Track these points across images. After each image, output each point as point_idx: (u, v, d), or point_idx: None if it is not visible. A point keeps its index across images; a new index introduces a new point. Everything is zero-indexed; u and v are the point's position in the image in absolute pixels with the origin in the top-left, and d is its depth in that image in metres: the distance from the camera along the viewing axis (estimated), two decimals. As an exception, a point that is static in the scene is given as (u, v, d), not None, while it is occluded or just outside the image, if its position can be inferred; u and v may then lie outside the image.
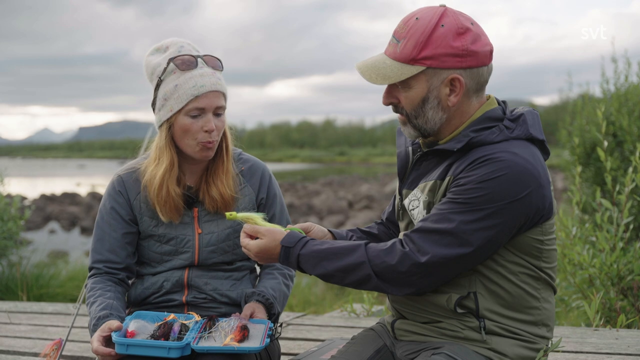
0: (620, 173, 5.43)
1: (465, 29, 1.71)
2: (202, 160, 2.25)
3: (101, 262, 2.26)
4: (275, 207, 2.36)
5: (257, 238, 1.87)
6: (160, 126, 2.21)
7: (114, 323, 2.00)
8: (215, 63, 2.22)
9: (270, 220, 2.28)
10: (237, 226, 2.27)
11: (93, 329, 2.06)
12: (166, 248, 2.27)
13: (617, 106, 6.18)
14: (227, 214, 1.95)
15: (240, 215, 1.94)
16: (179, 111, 2.15)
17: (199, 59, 2.19)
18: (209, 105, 2.16)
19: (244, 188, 2.31)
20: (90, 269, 2.28)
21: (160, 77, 2.18)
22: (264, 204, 2.35)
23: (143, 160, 2.32)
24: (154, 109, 2.25)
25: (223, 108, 2.22)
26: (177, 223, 2.26)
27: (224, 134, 2.28)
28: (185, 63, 2.16)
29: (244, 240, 1.89)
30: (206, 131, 2.16)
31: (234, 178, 2.29)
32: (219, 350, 1.95)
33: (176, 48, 2.20)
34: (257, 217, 1.93)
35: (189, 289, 2.27)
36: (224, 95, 2.21)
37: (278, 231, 1.86)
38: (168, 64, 2.17)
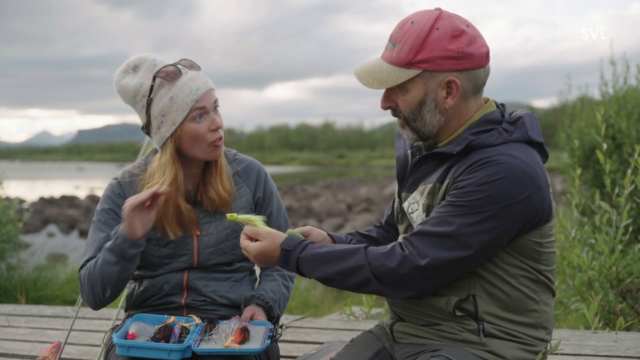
0: (619, 175, 5.44)
1: (461, 32, 1.72)
2: (213, 160, 2.23)
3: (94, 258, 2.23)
4: (272, 206, 2.36)
5: (257, 240, 1.87)
6: (164, 143, 2.17)
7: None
8: (193, 65, 2.22)
9: (268, 218, 2.29)
10: (236, 227, 2.27)
11: (116, 244, 2.05)
12: (165, 251, 2.26)
13: (616, 109, 6.19)
14: (228, 215, 1.95)
15: (241, 217, 1.94)
16: (183, 121, 2.14)
17: (179, 66, 2.17)
18: (209, 104, 2.16)
19: (240, 188, 2.31)
20: (83, 265, 2.22)
21: (149, 97, 2.15)
22: (260, 203, 2.34)
23: (140, 165, 2.30)
24: (149, 131, 2.20)
25: (218, 101, 2.22)
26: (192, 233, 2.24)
27: None
28: (171, 74, 2.13)
29: (244, 242, 1.89)
30: (213, 130, 2.16)
31: (229, 177, 2.29)
32: (220, 352, 1.95)
33: (149, 64, 2.17)
34: (257, 220, 1.94)
35: (188, 291, 2.27)
36: (214, 90, 2.22)
37: (278, 234, 1.86)
38: (154, 80, 2.14)
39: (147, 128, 2.21)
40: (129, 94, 2.18)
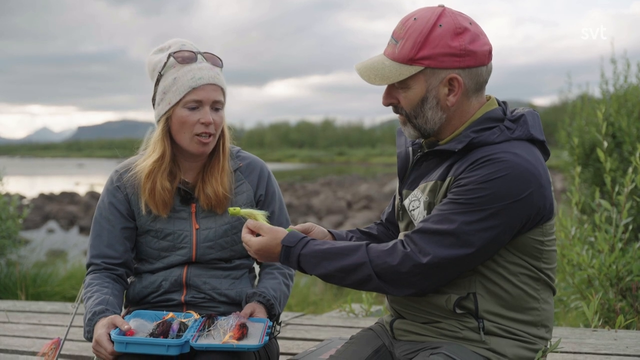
0: (619, 174, 5.44)
1: (464, 29, 1.71)
2: (198, 156, 2.25)
3: (99, 257, 2.25)
4: (274, 204, 2.36)
5: (258, 235, 1.87)
6: (159, 120, 2.22)
7: (124, 324, 1.98)
8: (214, 60, 2.24)
9: (270, 217, 2.28)
10: (236, 222, 2.27)
11: (88, 323, 2.06)
12: (163, 244, 2.27)
13: (617, 107, 6.18)
14: (231, 208, 1.95)
15: (243, 211, 1.94)
16: (177, 103, 2.17)
17: (198, 55, 2.21)
18: (207, 98, 2.17)
19: (242, 184, 2.31)
20: (89, 265, 2.27)
21: (160, 72, 2.20)
22: (262, 201, 2.34)
23: (141, 157, 2.32)
24: (154, 105, 2.26)
25: (221, 103, 2.22)
26: (165, 217, 2.25)
27: (222, 133, 2.28)
28: (185, 57, 2.18)
29: (246, 236, 1.89)
30: (203, 123, 2.17)
31: (230, 176, 2.29)
32: (218, 347, 1.95)
33: (177, 46, 2.23)
34: (259, 215, 1.93)
35: (188, 289, 2.27)
36: (222, 90, 2.23)
37: (280, 230, 1.86)
38: (168, 58, 2.19)
39: (153, 102, 2.26)
40: (150, 67, 2.25)
